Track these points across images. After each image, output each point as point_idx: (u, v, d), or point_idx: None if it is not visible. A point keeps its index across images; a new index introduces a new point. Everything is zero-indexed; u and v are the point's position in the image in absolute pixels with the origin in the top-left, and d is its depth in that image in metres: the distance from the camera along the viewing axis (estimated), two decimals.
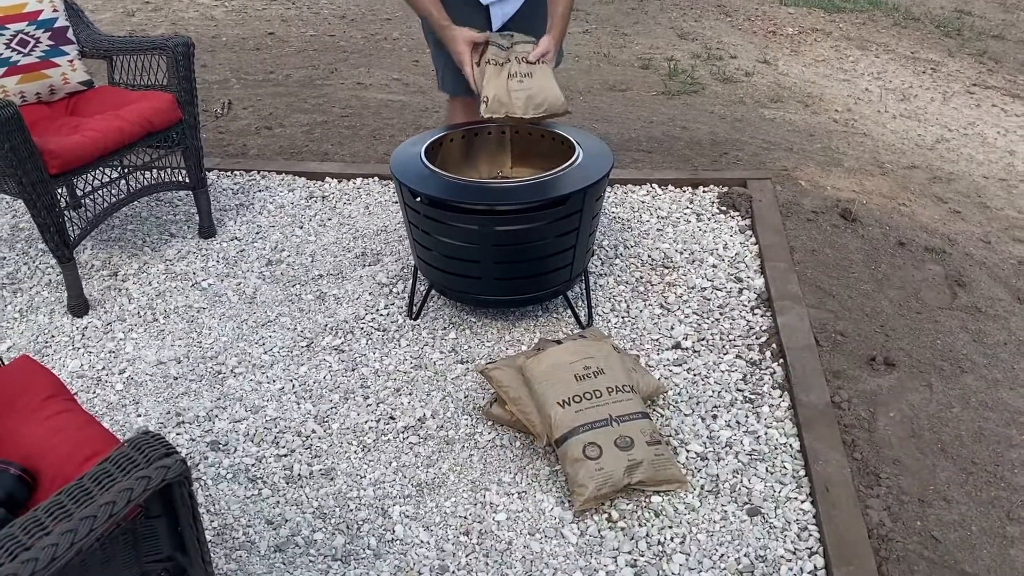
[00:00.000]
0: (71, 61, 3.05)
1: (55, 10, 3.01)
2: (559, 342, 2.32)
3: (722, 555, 1.91)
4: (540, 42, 2.65)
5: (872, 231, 3.16)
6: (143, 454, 1.27)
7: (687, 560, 1.90)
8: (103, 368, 2.55)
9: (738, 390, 2.39)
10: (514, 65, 2.59)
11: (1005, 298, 2.82)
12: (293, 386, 2.45)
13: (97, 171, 2.86)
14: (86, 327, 2.73)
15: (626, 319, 2.68)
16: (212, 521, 2.04)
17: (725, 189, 3.40)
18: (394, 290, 2.85)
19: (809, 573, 1.87)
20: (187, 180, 3.12)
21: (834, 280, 2.87)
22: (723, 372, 2.45)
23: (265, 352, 2.59)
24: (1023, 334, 2.64)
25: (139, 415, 2.37)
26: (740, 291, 2.79)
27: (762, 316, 2.67)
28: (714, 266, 2.92)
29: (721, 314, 2.69)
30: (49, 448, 1.54)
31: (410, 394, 2.40)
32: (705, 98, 4.55)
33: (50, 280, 2.98)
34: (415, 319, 2.71)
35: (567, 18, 2.67)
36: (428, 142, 2.64)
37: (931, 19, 6.01)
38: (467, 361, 2.52)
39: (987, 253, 3.09)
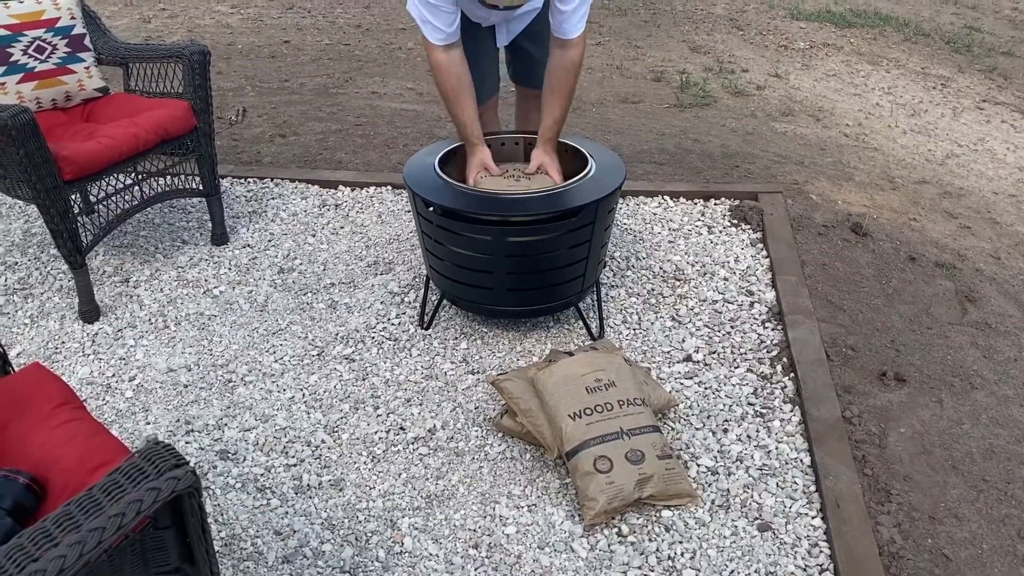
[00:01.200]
0: (87, 68, 3.07)
1: (72, 17, 3.03)
2: (570, 354, 2.32)
3: (732, 571, 1.90)
4: (532, 156, 2.65)
5: (883, 246, 3.16)
6: (153, 465, 1.27)
7: None
8: (113, 375, 2.56)
9: (749, 404, 2.38)
10: (510, 170, 2.65)
11: (1015, 314, 2.81)
12: (303, 395, 2.46)
13: (111, 177, 2.87)
14: (96, 333, 2.74)
15: (637, 331, 2.68)
16: (220, 531, 2.04)
17: (736, 202, 3.40)
18: (406, 299, 2.86)
19: None
20: (201, 187, 3.13)
21: (845, 294, 2.86)
22: (734, 386, 2.44)
23: (276, 361, 2.60)
24: None
25: (148, 423, 2.37)
26: (751, 304, 2.79)
27: (773, 330, 2.67)
28: (725, 279, 2.91)
29: (732, 327, 2.69)
30: (59, 457, 1.54)
31: (420, 404, 2.40)
32: (717, 111, 4.55)
33: (61, 286, 2.99)
34: (426, 329, 2.71)
35: (558, 128, 2.60)
36: (442, 152, 2.64)
37: (941, 35, 6.00)
38: (478, 372, 2.52)
39: (997, 269, 3.08)
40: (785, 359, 2.54)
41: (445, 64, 2.50)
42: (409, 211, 3.41)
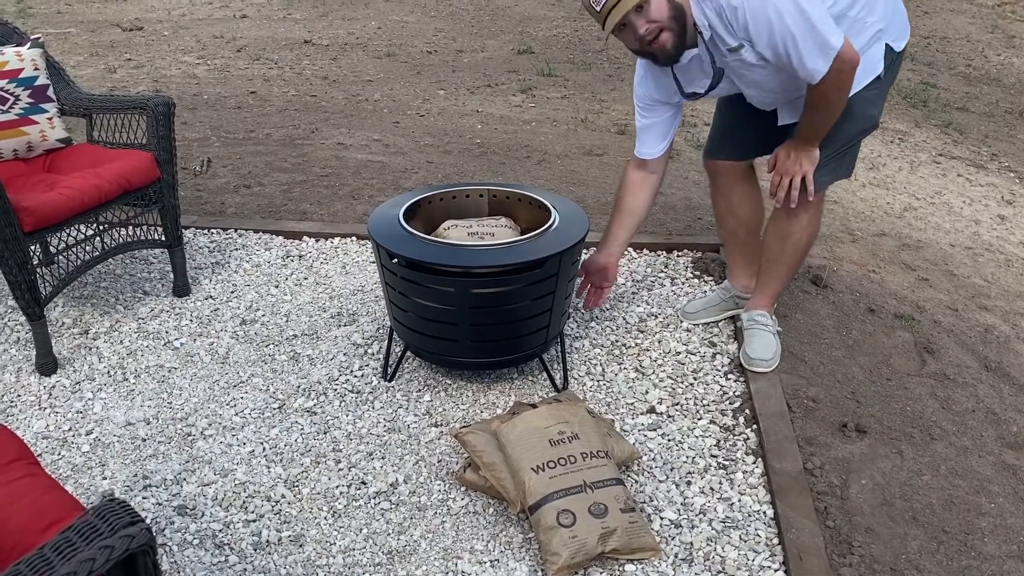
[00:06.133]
0: (50, 119, 3.06)
1: (36, 68, 3.03)
2: (534, 406, 2.32)
3: None
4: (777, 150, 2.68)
5: (843, 297, 3.21)
6: (107, 522, 1.24)
7: None
8: (70, 429, 2.51)
9: (712, 456, 2.38)
10: (474, 226, 2.67)
11: (972, 365, 2.86)
12: (264, 449, 2.42)
13: (72, 228, 2.84)
14: (54, 386, 2.69)
15: (601, 382, 2.69)
16: None
17: (699, 254, 3.45)
18: (369, 351, 2.84)
19: None
20: (163, 238, 3.11)
21: (806, 346, 2.89)
22: (697, 437, 2.45)
23: (236, 414, 2.56)
24: (990, 401, 2.67)
25: (105, 478, 2.32)
26: (714, 356, 2.81)
27: (735, 381, 2.69)
28: (688, 330, 2.94)
29: (695, 379, 2.70)
30: (10, 515, 1.50)
31: (383, 458, 2.38)
32: (679, 164, 4.62)
33: (19, 338, 2.94)
34: (390, 381, 2.69)
35: (813, 129, 2.43)
36: (407, 204, 2.66)
37: (898, 90, 6.17)
38: (441, 424, 2.51)
39: (955, 320, 3.13)
40: (747, 411, 2.55)
41: (623, 177, 2.76)
42: (374, 262, 3.41)
